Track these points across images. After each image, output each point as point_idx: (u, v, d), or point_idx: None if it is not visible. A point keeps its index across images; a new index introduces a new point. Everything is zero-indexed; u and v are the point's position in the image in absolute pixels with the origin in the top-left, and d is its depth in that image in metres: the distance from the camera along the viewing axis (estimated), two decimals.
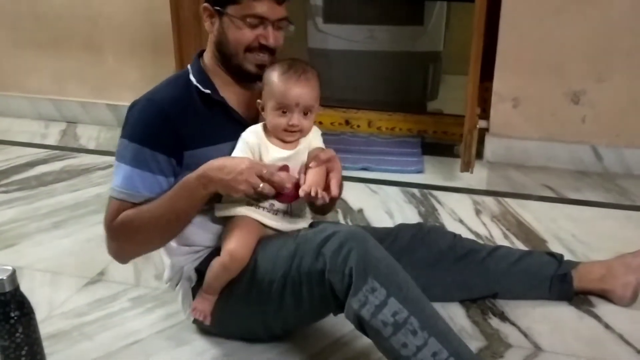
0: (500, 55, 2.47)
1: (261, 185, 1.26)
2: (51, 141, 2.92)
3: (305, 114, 1.33)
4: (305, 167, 1.35)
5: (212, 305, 1.37)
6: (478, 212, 2.16)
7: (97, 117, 3.07)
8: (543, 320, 1.57)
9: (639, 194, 2.31)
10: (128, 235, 1.36)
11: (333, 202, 1.40)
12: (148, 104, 1.37)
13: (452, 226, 2.04)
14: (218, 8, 1.35)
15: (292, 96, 1.31)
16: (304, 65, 1.36)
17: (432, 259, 1.58)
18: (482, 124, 2.52)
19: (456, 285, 1.61)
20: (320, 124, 2.90)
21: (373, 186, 2.36)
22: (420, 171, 2.50)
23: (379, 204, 2.23)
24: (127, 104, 1.42)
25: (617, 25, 2.35)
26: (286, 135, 1.34)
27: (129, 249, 1.41)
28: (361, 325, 1.22)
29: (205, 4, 1.37)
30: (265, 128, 1.36)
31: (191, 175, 1.30)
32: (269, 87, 1.33)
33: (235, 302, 1.38)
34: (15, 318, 1.14)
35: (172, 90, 1.39)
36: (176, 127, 1.34)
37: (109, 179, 2.35)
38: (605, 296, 1.63)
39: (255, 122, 1.41)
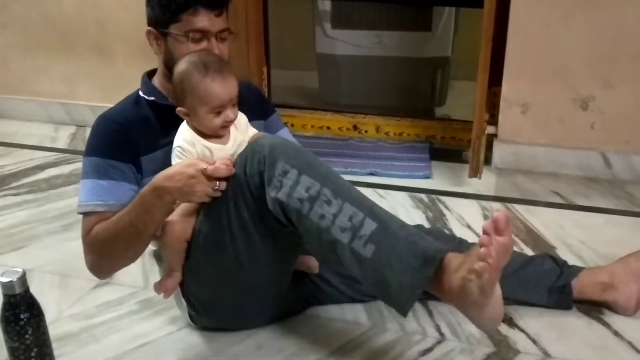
0: (508, 61, 2.47)
1: (217, 184, 1.28)
2: (61, 144, 2.93)
3: (233, 105, 1.36)
4: None
5: (177, 282, 1.39)
6: (486, 218, 2.15)
7: None
8: (552, 326, 1.56)
9: None
10: (97, 249, 1.40)
11: None
12: (100, 120, 1.46)
13: (459, 232, 2.03)
14: (162, 29, 1.42)
15: (225, 97, 1.33)
16: (213, 57, 1.36)
17: None
18: (490, 129, 2.51)
19: None
20: (328, 129, 2.92)
21: (381, 191, 2.36)
22: (428, 176, 2.49)
23: (386, 208, 2.20)
24: None
25: (625, 30, 2.34)
26: (223, 131, 1.37)
27: (101, 262, 1.44)
28: (283, 211, 1.23)
29: (149, 28, 1.44)
30: (195, 131, 1.36)
31: (145, 188, 1.32)
32: (195, 96, 1.32)
33: (202, 263, 1.38)
34: (25, 320, 1.15)
35: (122, 105, 1.50)
36: (128, 136, 1.41)
37: None
38: (608, 307, 1.60)
39: None
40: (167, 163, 1.38)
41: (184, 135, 1.36)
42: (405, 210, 2.22)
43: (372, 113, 2.95)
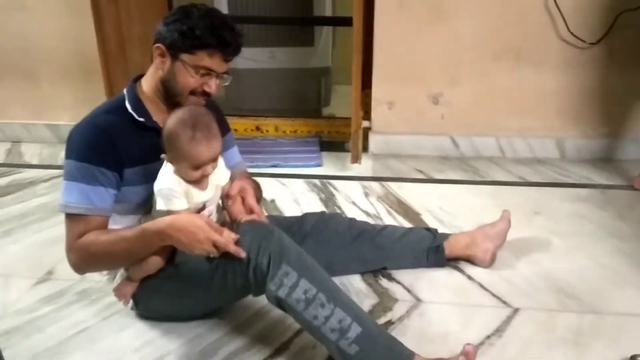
0: (376, 68, 2.51)
1: (215, 253, 1.20)
2: None
3: (214, 161, 1.26)
4: (223, 205, 1.34)
5: (133, 290, 1.33)
6: (367, 195, 2.18)
7: (38, 136, 2.84)
8: (422, 277, 1.60)
9: (487, 172, 2.41)
10: (85, 257, 1.27)
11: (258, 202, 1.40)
12: (90, 126, 1.27)
13: (346, 208, 2.05)
14: (172, 52, 1.26)
15: (206, 158, 1.23)
16: (204, 117, 1.24)
17: (332, 241, 1.57)
18: (365, 124, 2.55)
19: (353, 261, 1.60)
20: (235, 130, 2.84)
21: (282, 180, 2.33)
22: (319, 165, 2.49)
23: (287, 194, 2.20)
24: (65, 123, 1.33)
25: (463, 41, 2.43)
26: (202, 181, 1.27)
27: (85, 267, 1.32)
28: (280, 304, 1.20)
29: (160, 45, 1.27)
30: (177, 175, 1.25)
31: (151, 228, 1.21)
32: (178, 153, 1.21)
33: (166, 291, 1.33)
34: None
35: (111, 115, 1.29)
36: (116, 148, 1.25)
37: (52, 190, 2.22)
38: (470, 260, 1.66)
39: None
40: (147, 177, 1.27)
41: (171, 178, 1.24)
42: (303, 194, 2.20)
43: (271, 115, 2.90)
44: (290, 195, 2.19)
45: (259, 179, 1.55)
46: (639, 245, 1.77)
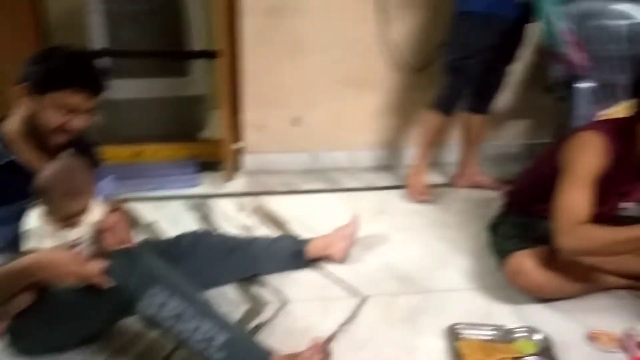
0: (245, 95, 2.50)
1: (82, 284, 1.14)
2: None
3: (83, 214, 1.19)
4: (97, 239, 1.23)
5: (4, 327, 1.22)
6: (241, 209, 2.16)
7: None
8: (288, 279, 1.63)
9: (343, 181, 2.50)
10: None
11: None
12: None
13: (223, 223, 2.02)
14: (37, 91, 1.16)
15: (76, 211, 1.17)
16: (76, 173, 1.17)
17: (207, 257, 1.54)
18: (238, 145, 2.53)
19: (228, 273, 1.59)
20: (114, 157, 2.65)
21: (161, 202, 2.22)
22: (196, 185, 2.42)
23: (167, 215, 2.09)
24: None
25: (317, 71, 2.50)
26: (71, 224, 1.19)
27: None
28: (150, 322, 1.16)
29: (26, 84, 1.16)
30: (47, 216, 1.16)
31: (17, 266, 1.11)
32: (49, 204, 1.14)
33: (41, 323, 1.21)
34: None
35: None
36: None
37: None
38: (328, 259, 1.71)
39: None
40: (14, 216, 1.15)
41: (40, 218, 1.15)
42: (182, 214, 2.11)
43: (150, 141, 2.77)
44: (169, 217, 2.09)
45: (138, 203, 1.48)
46: (458, 232, 1.97)
